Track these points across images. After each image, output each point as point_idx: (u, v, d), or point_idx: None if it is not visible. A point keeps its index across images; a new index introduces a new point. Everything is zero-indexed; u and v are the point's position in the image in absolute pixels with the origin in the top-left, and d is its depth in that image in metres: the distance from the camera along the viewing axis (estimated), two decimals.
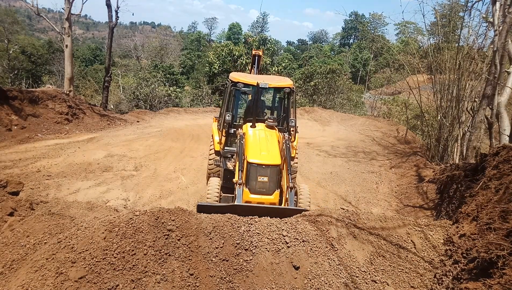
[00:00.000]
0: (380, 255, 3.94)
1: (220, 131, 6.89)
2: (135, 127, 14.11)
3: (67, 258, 3.35)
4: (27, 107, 11.65)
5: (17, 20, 36.97)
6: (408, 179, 9.43)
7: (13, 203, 4.60)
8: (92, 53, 51.11)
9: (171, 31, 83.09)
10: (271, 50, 33.59)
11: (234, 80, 6.56)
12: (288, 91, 6.65)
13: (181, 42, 61.38)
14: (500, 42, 7.45)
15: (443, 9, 13.67)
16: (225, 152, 6.66)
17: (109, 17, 17.57)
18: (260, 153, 5.44)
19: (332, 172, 10.04)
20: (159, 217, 3.79)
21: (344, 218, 4.25)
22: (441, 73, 11.51)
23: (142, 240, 3.56)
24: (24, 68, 32.11)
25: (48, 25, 22.15)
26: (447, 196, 6.66)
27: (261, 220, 4.14)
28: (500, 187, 3.83)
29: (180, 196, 7.71)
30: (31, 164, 8.39)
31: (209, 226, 3.89)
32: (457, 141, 10.51)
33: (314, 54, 60.96)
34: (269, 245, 3.85)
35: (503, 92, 8.08)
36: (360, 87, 35.96)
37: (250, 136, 5.91)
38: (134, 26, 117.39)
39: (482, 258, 3.15)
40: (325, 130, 16.76)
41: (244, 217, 4.14)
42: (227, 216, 4.09)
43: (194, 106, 24.61)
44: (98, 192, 7.39)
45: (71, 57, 15.23)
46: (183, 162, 9.87)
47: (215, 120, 7.90)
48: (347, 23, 77.77)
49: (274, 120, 6.33)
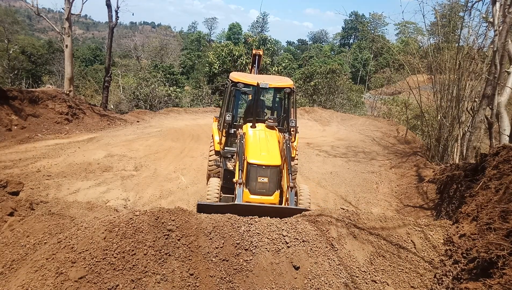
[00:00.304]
0: (380, 255, 3.93)
1: (220, 131, 6.86)
2: (135, 127, 14.11)
3: (67, 258, 3.35)
4: (27, 107, 11.65)
5: (17, 20, 37.01)
6: (408, 179, 9.43)
7: (13, 203, 4.60)
8: (92, 53, 51.11)
9: (171, 31, 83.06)
10: (271, 50, 33.62)
11: (234, 80, 6.52)
12: (288, 91, 6.63)
13: (181, 42, 61.42)
14: (500, 42, 7.45)
15: (443, 9, 13.67)
16: (225, 152, 6.64)
17: (109, 17, 17.57)
18: (260, 154, 5.41)
19: (332, 172, 10.04)
20: (159, 217, 3.79)
21: (344, 218, 4.25)
22: (441, 73, 11.51)
23: (142, 240, 3.56)
24: (24, 68, 32.10)
25: (48, 25, 22.14)
26: (447, 196, 6.66)
27: (261, 220, 4.14)
28: (500, 187, 3.83)
29: (180, 196, 7.71)
30: (31, 164, 8.39)
31: (209, 226, 3.89)
32: (457, 141, 10.52)
33: (314, 54, 60.96)
34: (269, 245, 3.85)
35: (503, 92, 8.08)
36: (360, 87, 35.92)
37: (250, 137, 5.87)
38: (134, 26, 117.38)
39: (482, 258, 3.15)
40: (325, 130, 16.76)
41: (244, 217, 4.14)
42: (227, 216, 4.09)
43: (194, 106, 24.61)
44: (98, 192, 7.39)
45: (71, 57, 15.23)
46: (183, 162, 9.87)
47: (215, 120, 7.88)
48: (347, 23, 77.80)
49: (274, 120, 6.30)
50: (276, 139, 5.96)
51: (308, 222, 4.21)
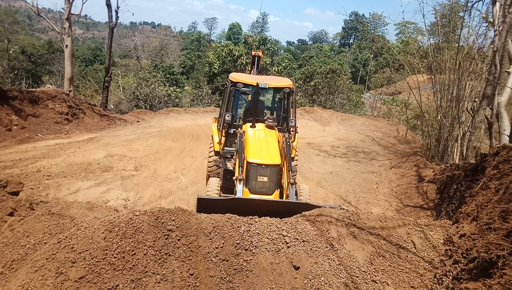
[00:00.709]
0: (380, 255, 3.93)
1: (219, 132, 6.85)
2: (135, 127, 14.11)
3: (67, 258, 3.34)
4: (27, 107, 11.65)
5: (17, 20, 36.96)
6: (408, 179, 9.43)
7: (13, 203, 4.60)
8: (92, 53, 51.09)
9: (171, 31, 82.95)
10: (271, 50, 33.62)
11: (233, 80, 6.54)
12: (287, 91, 6.65)
13: (181, 42, 61.37)
14: (500, 42, 7.45)
15: (443, 9, 13.67)
16: (224, 152, 6.63)
17: (109, 17, 17.56)
18: (260, 153, 5.43)
19: (332, 172, 10.04)
20: (159, 217, 3.79)
21: (344, 218, 4.25)
22: (441, 73, 11.50)
23: (142, 240, 3.56)
24: (24, 68, 32.09)
25: (48, 25, 22.13)
26: (447, 196, 6.66)
27: (261, 220, 4.14)
28: (500, 187, 3.83)
29: (180, 196, 7.71)
30: (31, 164, 8.38)
31: (209, 226, 3.89)
32: (457, 141, 10.51)
33: (314, 54, 60.97)
34: (269, 245, 3.85)
35: (503, 92, 8.07)
36: (360, 87, 35.89)
37: (249, 136, 5.88)
38: (134, 26, 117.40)
39: (482, 258, 3.15)
40: (325, 130, 16.76)
41: (244, 217, 4.14)
42: (227, 216, 4.09)
43: (194, 106, 24.61)
44: (98, 192, 7.39)
45: (71, 57, 15.23)
46: (183, 162, 9.87)
47: (214, 120, 7.89)
48: (347, 23, 77.80)
49: (274, 120, 6.32)
50: (275, 139, 5.98)
51: (308, 222, 4.20)
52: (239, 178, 5.16)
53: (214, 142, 6.94)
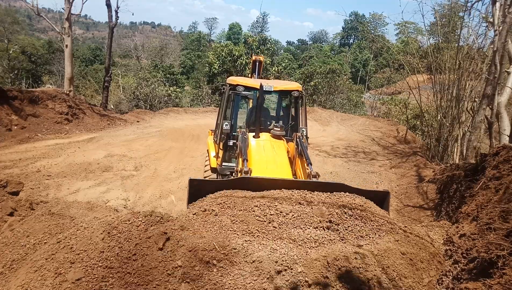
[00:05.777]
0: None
1: (216, 144, 5.93)
2: (135, 127, 14.11)
3: (66, 259, 3.34)
4: (27, 107, 11.65)
5: (17, 20, 36.94)
6: (408, 179, 9.42)
7: (13, 203, 4.60)
8: (92, 53, 51.06)
9: (171, 31, 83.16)
10: (271, 50, 33.59)
11: (232, 83, 5.70)
12: (296, 95, 5.82)
13: (181, 42, 61.48)
14: (500, 42, 7.45)
15: (442, 9, 13.67)
16: (223, 169, 5.68)
17: (109, 17, 17.57)
18: (266, 167, 4.68)
19: (332, 172, 10.04)
20: (159, 218, 3.78)
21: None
22: (441, 73, 11.51)
23: (140, 242, 3.55)
24: (24, 68, 32.07)
25: (48, 25, 22.15)
26: (447, 196, 6.67)
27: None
28: (500, 187, 3.83)
29: (180, 196, 7.70)
30: (31, 164, 8.38)
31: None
32: (457, 141, 10.51)
33: (314, 54, 60.93)
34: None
35: (503, 92, 8.08)
36: (360, 87, 35.92)
37: (253, 148, 5.03)
38: (134, 26, 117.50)
39: (482, 258, 3.15)
40: (325, 130, 16.76)
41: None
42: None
43: (194, 106, 24.62)
44: (98, 192, 7.39)
45: (71, 57, 15.23)
46: (183, 162, 9.87)
47: (210, 133, 7.14)
48: (347, 23, 77.80)
49: (281, 128, 5.40)
50: (284, 150, 5.23)
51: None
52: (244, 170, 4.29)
53: (210, 157, 6.18)
